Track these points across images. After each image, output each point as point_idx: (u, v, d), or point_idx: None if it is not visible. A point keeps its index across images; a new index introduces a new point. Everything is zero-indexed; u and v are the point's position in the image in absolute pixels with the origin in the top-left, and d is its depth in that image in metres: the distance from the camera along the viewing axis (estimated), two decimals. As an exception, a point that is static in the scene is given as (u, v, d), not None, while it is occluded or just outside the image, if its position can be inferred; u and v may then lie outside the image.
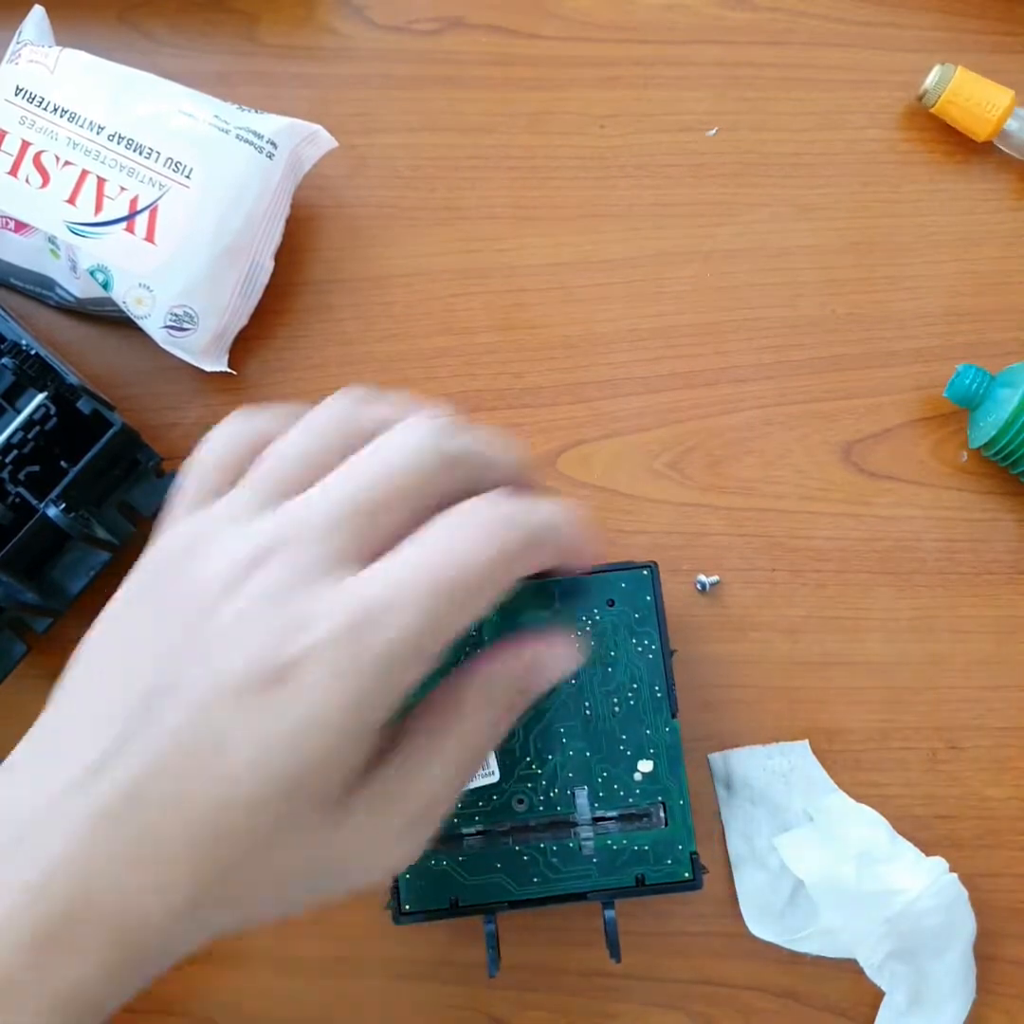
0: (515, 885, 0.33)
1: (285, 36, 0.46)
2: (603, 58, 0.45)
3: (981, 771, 0.40)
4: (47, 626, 0.40)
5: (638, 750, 0.33)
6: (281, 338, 0.43)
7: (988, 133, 0.43)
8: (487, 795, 0.32)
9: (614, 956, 0.33)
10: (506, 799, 0.32)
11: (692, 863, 0.33)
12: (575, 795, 0.33)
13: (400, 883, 0.32)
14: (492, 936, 0.33)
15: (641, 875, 0.32)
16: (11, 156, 0.39)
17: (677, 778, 0.33)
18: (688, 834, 0.33)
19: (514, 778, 0.32)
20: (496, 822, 0.33)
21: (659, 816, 0.33)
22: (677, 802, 0.33)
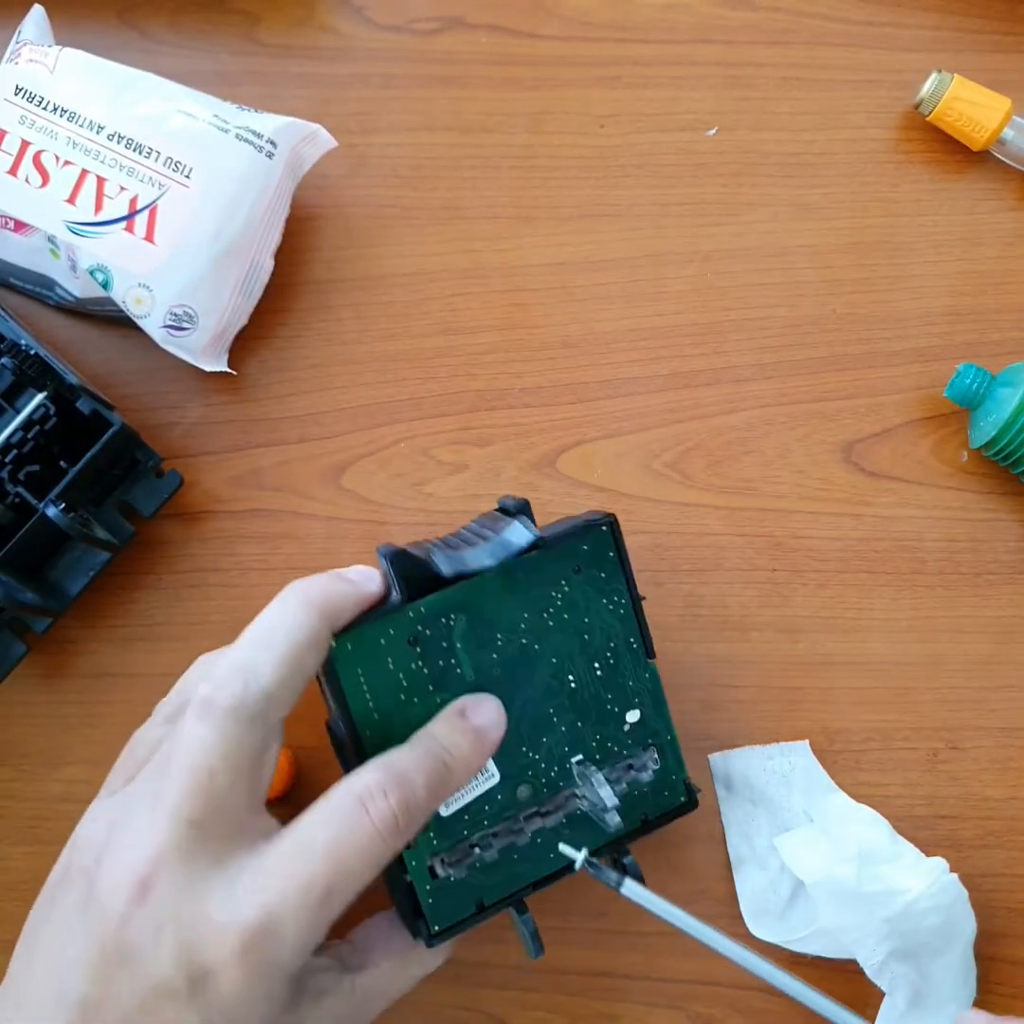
0: (535, 867, 0.33)
1: (285, 36, 0.46)
2: (603, 58, 0.45)
3: (981, 771, 0.40)
4: (47, 626, 0.40)
5: (624, 703, 0.33)
6: (281, 338, 0.43)
7: (982, 145, 0.44)
8: (492, 795, 0.32)
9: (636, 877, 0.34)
10: (510, 792, 0.32)
11: (686, 788, 0.35)
12: (573, 766, 0.33)
13: (423, 907, 0.32)
14: (528, 922, 0.33)
15: (644, 815, 0.34)
16: (11, 156, 0.39)
17: (663, 717, 0.34)
18: (679, 764, 0.35)
19: (514, 769, 0.32)
20: (505, 819, 0.33)
21: (652, 758, 0.34)
22: (665, 739, 0.34)
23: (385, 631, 0.30)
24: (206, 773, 0.26)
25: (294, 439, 0.43)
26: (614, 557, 0.33)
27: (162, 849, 0.25)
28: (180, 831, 0.25)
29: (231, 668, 0.27)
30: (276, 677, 0.27)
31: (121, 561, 0.40)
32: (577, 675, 0.33)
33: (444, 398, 0.43)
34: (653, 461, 0.42)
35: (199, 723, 0.26)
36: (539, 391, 0.43)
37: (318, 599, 0.28)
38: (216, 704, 0.26)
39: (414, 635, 0.30)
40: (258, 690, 0.27)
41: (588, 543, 0.32)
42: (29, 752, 0.41)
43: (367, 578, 0.30)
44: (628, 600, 0.33)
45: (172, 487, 0.41)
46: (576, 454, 0.42)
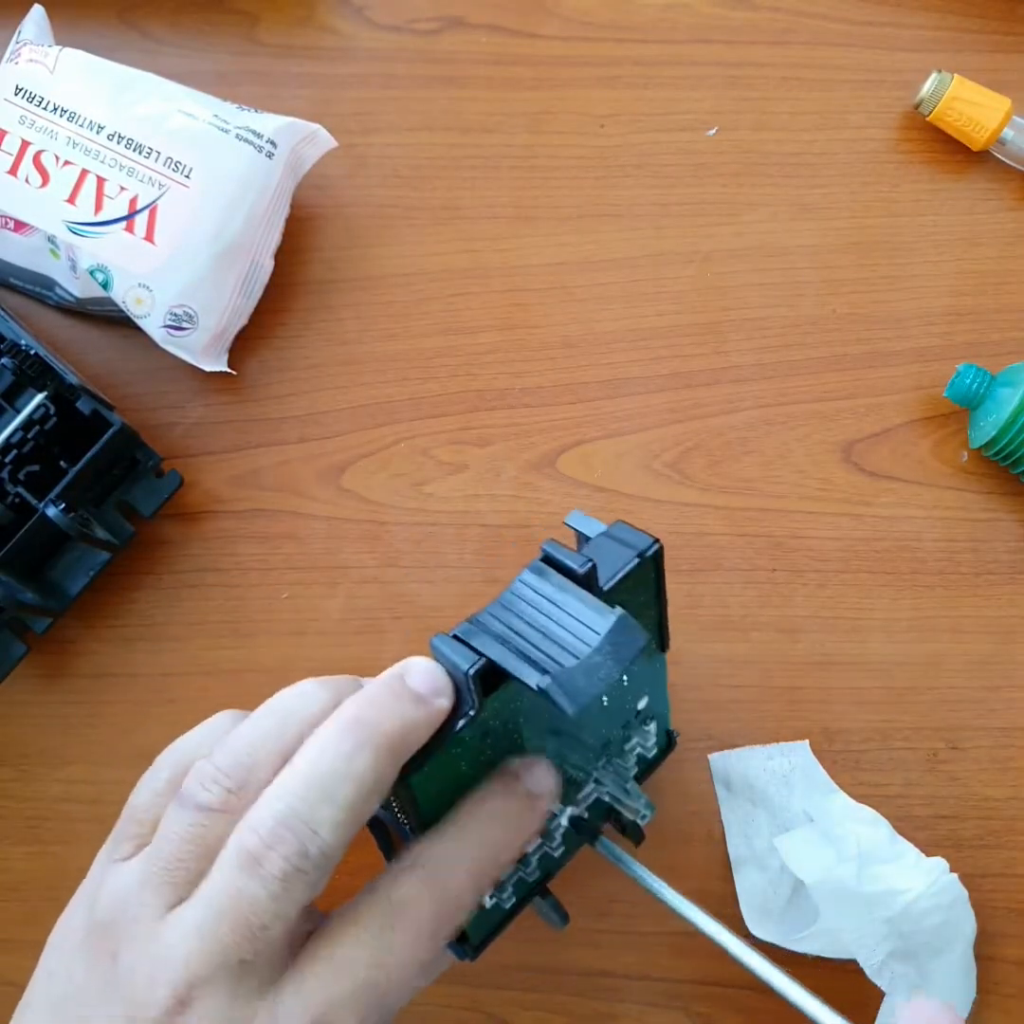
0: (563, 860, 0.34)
1: (285, 36, 0.46)
2: (603, 58, 0.45)
3: (981, 771, 0.40)
4: (47, 626, 0.40)
5: (638, 696, 0.33)
6: (281, 338, 0.43)
7: (982, 145, 0.44)
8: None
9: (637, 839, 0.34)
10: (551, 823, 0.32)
11: (668, 736, 0.36)
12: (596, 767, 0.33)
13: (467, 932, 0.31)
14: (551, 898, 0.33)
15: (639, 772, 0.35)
16: (11, 156, 0.39)
17: (662, 691, 0.34)
18: (667, 721, 0.36)
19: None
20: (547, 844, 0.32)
21: (652, 729, 0.34)
22: (661, 707, 0.35)
23: (462, 740, 0.26)
24: (259, 927, 0.24)
25: (294, 439, 0.43)
26: (655, 578, 0.30)
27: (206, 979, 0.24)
28: (231, 967, 0.24)
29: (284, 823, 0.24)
30: (337, 836, 0.24)
31: (121, 561, 0.40)
32: (609, 693, 0.31)
33: (444, 398, 0.43)
34: (653, 461, 0.42)
35: (247, 877, 0.24)
36: (539, 391, 0.43)
37: (391, 733, 0.24)
38: (269, 867, 0.24)
39: (487, 730, 0.27)
40: (318, 852, 0.24)
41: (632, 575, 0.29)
42: (29, 752, 0.41)
43: (436, 688, 0.25)
44: (656, 610, 0.32)
45: (172, 487, 0.41)
46: (576, 454, 0.42)
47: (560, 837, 0.32)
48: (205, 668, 0.42)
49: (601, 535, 0.29)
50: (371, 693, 0.25)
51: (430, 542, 0.42)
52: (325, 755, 0.24)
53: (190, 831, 0.25)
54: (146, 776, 0.28)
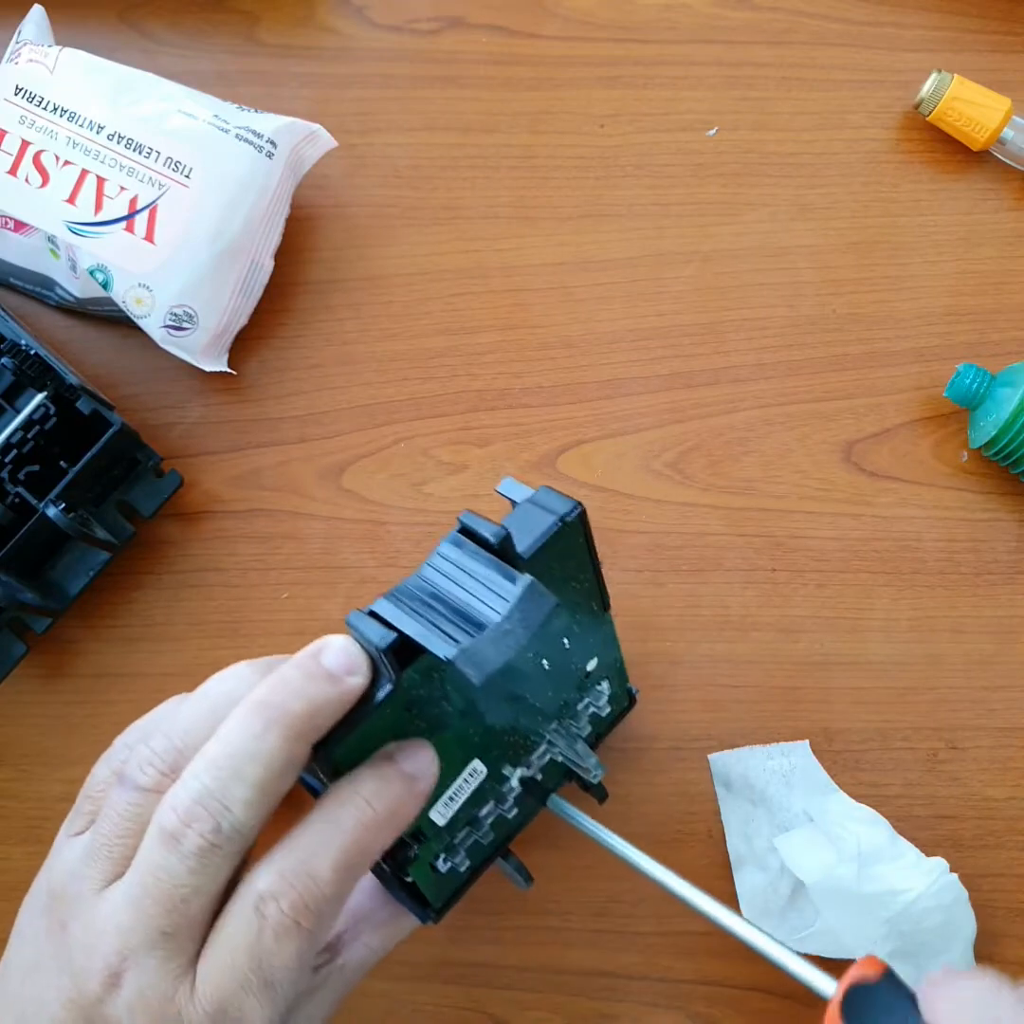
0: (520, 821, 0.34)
1: (285, 36, 0.46)
2: (603, 58, 0.45)
3: (981, 771, 0.40)
4: (47, 626, 0.40)
5: (585, 658, 0.33)
6: (281, 338, 0.43)
7: (982, 145, 0.44)
8: (480, 786, 0.32)
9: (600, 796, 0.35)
10: (496, 775, 0.32)
11: (628, 694, 0.37)
12: (546, 730, 0.33)
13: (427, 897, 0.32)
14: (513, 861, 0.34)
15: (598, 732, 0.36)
16: (11, 155, 0.39)
17: (614, 651, 0.35)
18: (624, 679, 0.36)
19: (496, 756, 0.32)
20: (493, 798, 0.33)
21: (606, 688, 0.35)
22: (616, 666, 0.35)
23: (383, 714, 0.27)
24: (179, 900, 0.26)
25: (294, 439, 0.43)
26: (583, 543, 0.31)
27: (131, 946, 0.26)
28: (152, 936, 0.26)
29: (199, 801, 0.25)
30: (250, 813, 0.25)
31: (121, 561, 0.40)
32: (551, 657, 0.32)
33: (444, 398, 0.43)
34: (653, 461, 0.42)
35: (168, 855, 0.25)
36: (539, 391, 0.43)
37: (299, 714, 0.25)
38: (186, 843, 0.25)
39: (409, 701, 0.27)
40: (230, 828, 0.25)
41: (560, 539, 0.29)
42: (29, 752, 0.41)
43: (351, 667, 0.26)
44: (591, 573, 0.32)
45: (172, 487, 0.41)
46: (576, 454, 0.42)
47: (513, 800, 0.33)
48: (205, 668, 0.41)
49: (526, 501, 0.29)
50: (282, 674, 0.26)
51: (430, 542, 0.42)
52: (234, 736, 0.25)
53: (128, 810, 0.27)
54: (103, 757, 0.30)
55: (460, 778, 0.31)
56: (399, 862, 0.30)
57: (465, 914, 0.39)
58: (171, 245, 0.39)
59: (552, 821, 0.39)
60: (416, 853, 0.30)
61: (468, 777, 0.31)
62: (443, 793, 0.30)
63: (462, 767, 0.31)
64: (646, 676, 0.40)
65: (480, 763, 0.31)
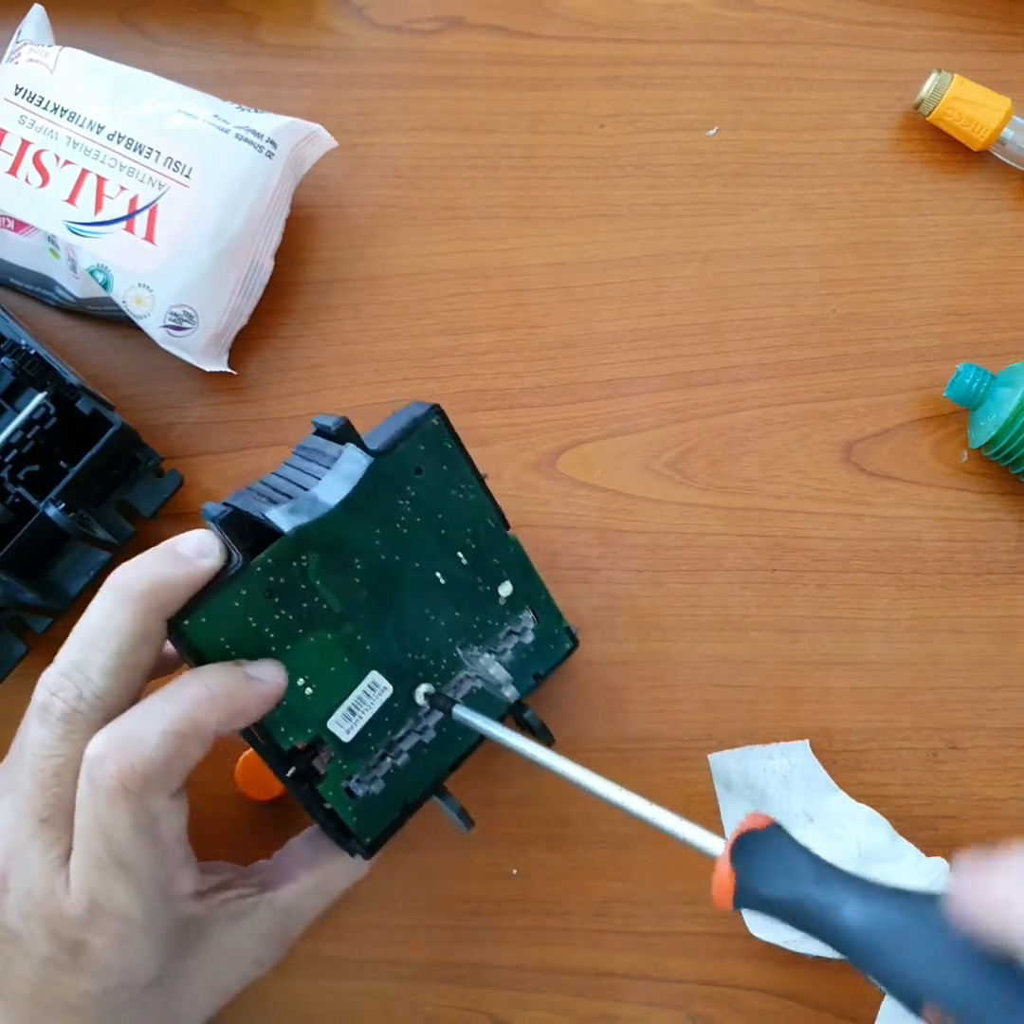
0: (447, 753, 0.34)
1: (285, 36, 0.46)
2: (603, 58, 0.45)
3: (981, 771, 0.40)
4: (47, 626, 0.40)
5: (495, 580, 0.34)
6: (281, 338, 0.43)
7: (982, 145, 0.44)
8: (390, 707, 0.32)
9: (547, 739, 0.34)
10: (406, 698, 0.32)
11: (568, 635, 0.37)
12: (459, 653, 0.33)
13: (350, 827, 0.32)
14: (453, 803, 0.34)
15: (536, 672, 0.36)
16: (11, 155, 0.39)
17: (533, 582, 0.35)
18: (558, 617, 0.36)
19: (405, 676, 0.32)
20: (408, 723, 0.33)
21: (529, 618, 0.35)
22: (540, 599, 0.35)
23: (236, 594, 0.28)
24: (51, 774, 0.27)
25: (294, 439, 0.42)
26: (452, 448, 0.32)
27: (15, 842, 0.28)
28: (30, 826, 0.27)
29: (64, 673, 0.28)
30: (109, 681, 0.27)
31: (121, 561, 0.40)
32: (444, 570, 0.32)
33: (444, 398, 0.43)
34: (653, 461, 0.42)
35: (40, 727, 0.28)
36: (539, 391, 0.43)
37: (143, 591, 0.27)
38: (53, 711, 0.27)
39: (268, 587, 0.29)
40: (91, 695, 0.27)
41: (423, 442, 0.31)
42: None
43: (202, 550, 0.28)
44: (475, 483, 0.32)
45: (172, 487, 0.41)
46: (576, 454, 0.42)
47: (432, 725, 0.33)
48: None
49: (394, 414, 0.32)
50: (139, 558, 0.28)
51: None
52: (92, 614, 0.28)
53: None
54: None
55: (359, 690, 0.31)
56: (305, 774, 0.31)
57: (465, 914, 0.39)
58: (171, 245, 0.39)
59: (553, 821, 0.39)
60: (325, 770, 0.31)
61: (368, 690, 0.32)
62: (339, 702, 0.31)
63: (357, 677, 0.31)
64: (646, 676, 0.40)
65: (382, 678, 0.32)
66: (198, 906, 0.29)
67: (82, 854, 0.27)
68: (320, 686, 0.31)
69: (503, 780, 0.39)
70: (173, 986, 0.29)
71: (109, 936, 0.27)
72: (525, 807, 0.39)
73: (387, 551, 0.31)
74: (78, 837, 0.27)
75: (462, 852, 0.39)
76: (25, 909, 0.27)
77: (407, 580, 0.32)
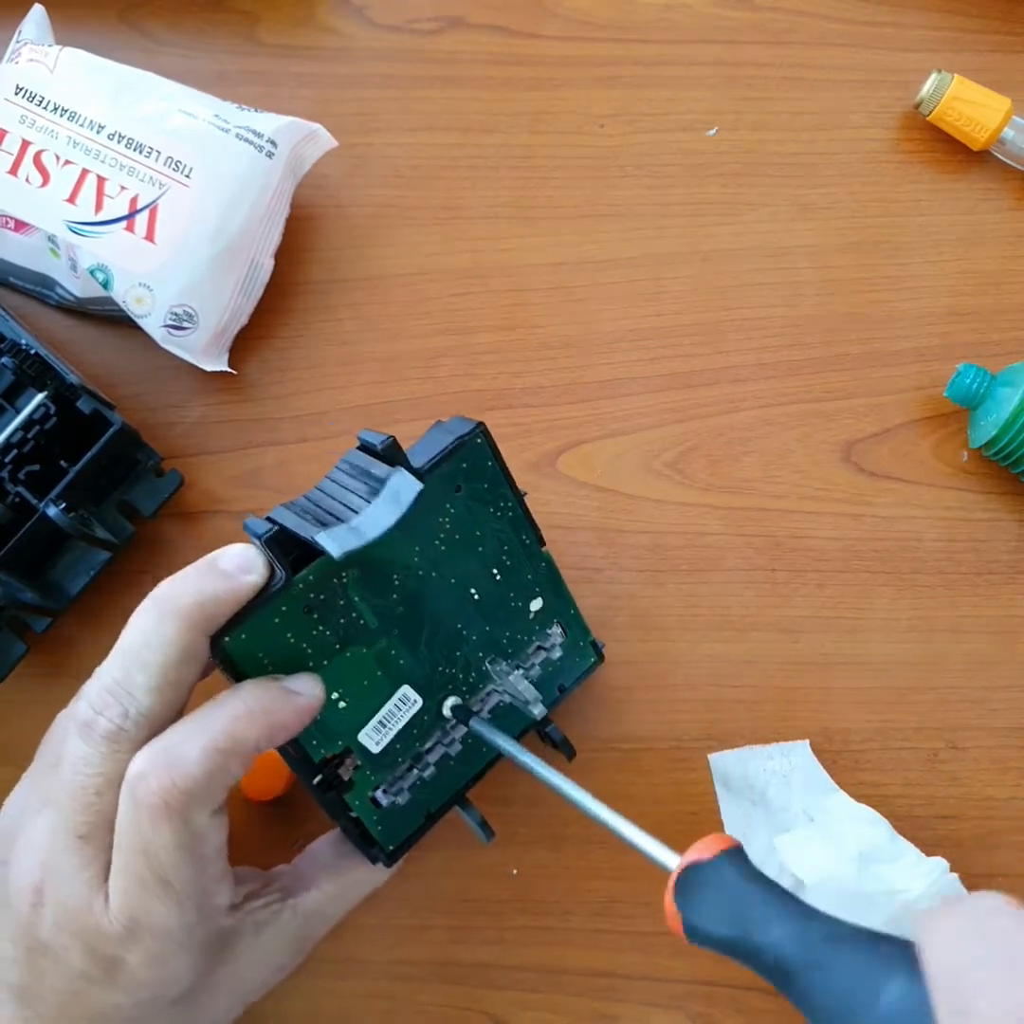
0: (471, 765, 0.34)
1: (285, 36, 0.46)
2: (603, 58, 0.45)
3: (982, 771, 0.40)
4: (47, 626, 0.40)
5: (526, 596, 0.34)
6: (281, 337, 0.43)
7: (982, 145, 0.44)
8: (419, 719, 0.32)
9: (568, 752, 0.35)
10: (435, 710, 0.33)
11: (594, 648, 0.37)
12: (488, 668, 0.33)
13: (374, 836, 0.32)
14: (474, 813, 0.34)
15: (561, 684, 0.36)
16: (11, 155, 0.39)
17: (563, 596, 0.35)
18: (584, 631, 0.36)
19: (435, 689, 0.32)
20: (436, 735, 0.33)
21: (558, 633, 0.35)
22: (569, 613, 0.36)
23: (277, 611, 0.28)
24: (93, 792, 0.27)
25: (294, 439, 0.43)
26: (492, 466, 0.32)
27: (51, 857, 0.27)
28: (69, 842, 0.27)
29: (108, 690, 0.27)
30: (154, 699, 0.27)
31: (121, 561, 0.40)
32: (478, 587, 0.32)
33: (444, 398, 0.43)
34: (653, 461, 0.42)
35: (84, 745, 0.27)
36: (539, 391, 0.43)
37: (189, 607, 0.27)
38: (98, 728, 0.27)
39: (307, 604, 0.29)
40: (136, 713, 0.27)
41: (465, 460, 0.31)
42: (30, 752, 0.41)
43: (245, 567, 0.28)
44: (513, 501, 0.32)
45: (172, 487, 0.41)
46: (576, 454, 0.42)
47: (459, 739, 0.33)
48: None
49: (435, 427, 0.31)
50: (182, 572, 0.28)
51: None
52: (134, 630, 0.27)
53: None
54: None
55: (390, 703, 0.31)
56: (333, 783, 0.31)
57: (466, 914, 0.39)
58: (171, 244, 0.39)
59: (553, 821, 0.39)
60: (352, 778, 0.31)
61: (399, 703, 0.32)
62: (370, 716, 0.31)
63: (389, 691, 0.31)
64: (646, 676, 0.40)
65: (413, 692, 0.32)
66: (231, 919, 0.29)
67: (122, 871, 0.27)
68: (353, 700, 0.30)
69: (504, 781, 0.39)
70: (200, 997, 0.29)
71: (146, 953, 0.27)
72: (526, 807, 0.39)
73: (424, 567, 0.31)
74: (118, 854, 0.27)
75: (462, 852, 0.39)
76: (60, 923, 0.27)
77: (442, 596, 0.32)
